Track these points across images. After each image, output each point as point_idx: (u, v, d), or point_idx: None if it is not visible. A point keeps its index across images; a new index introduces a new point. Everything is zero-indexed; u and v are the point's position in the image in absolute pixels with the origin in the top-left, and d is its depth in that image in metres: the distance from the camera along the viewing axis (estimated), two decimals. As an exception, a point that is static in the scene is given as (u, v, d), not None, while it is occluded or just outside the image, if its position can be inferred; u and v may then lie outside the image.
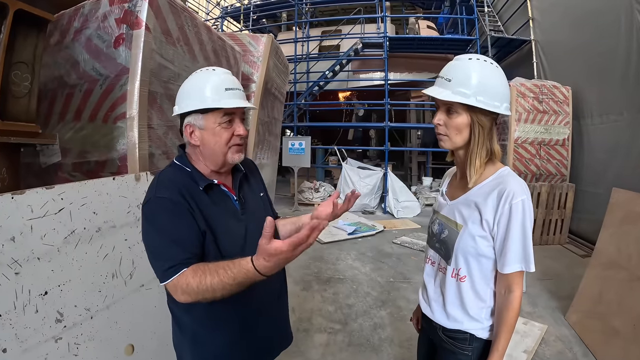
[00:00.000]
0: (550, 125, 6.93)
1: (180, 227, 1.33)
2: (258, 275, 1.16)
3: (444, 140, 1.46)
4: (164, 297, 1.49)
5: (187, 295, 1.24)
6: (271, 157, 6.36)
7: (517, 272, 1.38)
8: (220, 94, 1.40)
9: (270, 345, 1.67)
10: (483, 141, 1.41)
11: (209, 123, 1.42)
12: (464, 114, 1.38)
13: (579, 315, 3.79)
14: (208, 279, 1.20)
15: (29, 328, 1.57)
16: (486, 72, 1.35)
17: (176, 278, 1.24)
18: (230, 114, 1.44)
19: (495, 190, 1.39)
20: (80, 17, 2.89)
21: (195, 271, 1.24)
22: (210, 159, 1.47)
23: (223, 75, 1.46)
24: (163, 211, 1.34)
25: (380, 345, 3.52)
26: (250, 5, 14.30)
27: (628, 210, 3.55)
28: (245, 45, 5.04)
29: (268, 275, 1.17)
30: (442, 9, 12.79)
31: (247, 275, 1.17)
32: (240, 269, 1.18)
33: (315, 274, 5.28)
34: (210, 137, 1.43)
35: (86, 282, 1.87)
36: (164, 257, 1.28)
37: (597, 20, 6.40)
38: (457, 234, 1.48)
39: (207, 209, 1.40)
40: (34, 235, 1.61)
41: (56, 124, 2.95)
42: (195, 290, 1.21)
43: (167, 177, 1.44)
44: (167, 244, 1.30)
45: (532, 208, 1.39)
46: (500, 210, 1.36)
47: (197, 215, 1.36)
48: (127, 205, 2.17)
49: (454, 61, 1.42)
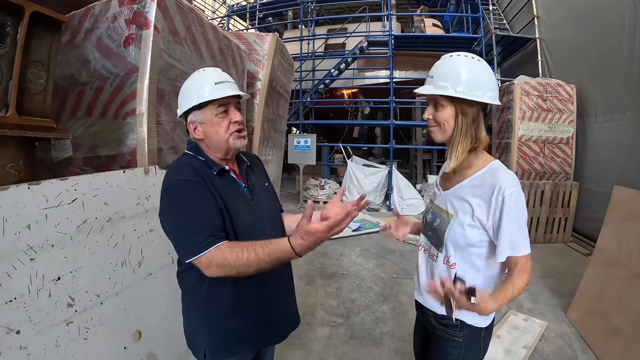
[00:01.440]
0: (555, 123, 6.92)
1: (206, 205, 1.43)
2: (293, 254, 1.31)
3: (434, 132, 1.54)
4: (171, 286, 1.58)
5: (220, 269, 1.34)
6: (276, 154, 6.41)
7: (522, 256, 1.39)
8: (211, 88, 1.54)
9: (283, 326, 1.77)
10: (467, 129, 1.46)
11: (207, 116, 1.55)
12: (449, 106, 1.46)
13: (580, 313, 3.80)
14: (245, 254, 1.32)
15: (42, 311, 1.65)
16: (466, 65, 1.43)
17: (212, 251, 1.34)
18: (225, 105, 1.57)
19: (487, 184, 1.44)
20: (91, 18, 2.96)
21: (232, 246, 1.35)
22: (216, 148, 1.59)
23: (213, 72, 1.60)
24: (187, 191, 1.44)
25: (382, 338, 3.58)
26: (257, 4, 14.33)
27: (629, 208, 3.55)
28: (250, 44, 5.10)
29: (302, 254, 1.31)
30: (448, 7, 12.74)
31: (283, 254, 1.32)
32: (276, 247, 1.32)
33: (319, 269, 5.33)
34: (210, 128, 1.56)
35: (97, 269, 1.95)
36: (196, 233, 1.37)
37: (601, 18, 6.39)
38: (447, 222, 1.53)
39: (223, 191, 1.50)
40: (49, 223, 1.69)
41: (67, 120, 3.03)
42: (231, 263, 1.32)
43: (185, 162, 1.55)
44: (196, 220, 1.40)
45: (524, 199, 1.44)
46: (494, 203, 1.41)
47: (216, 195, 1.46)
48: (137, 197, 2.25)
49: (439, 60, 1.50)
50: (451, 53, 1.48)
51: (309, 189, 10.55)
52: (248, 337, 1.61)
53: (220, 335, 1.58)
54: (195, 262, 1.37)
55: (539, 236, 6.74)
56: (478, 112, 1.46)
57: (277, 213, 1.83)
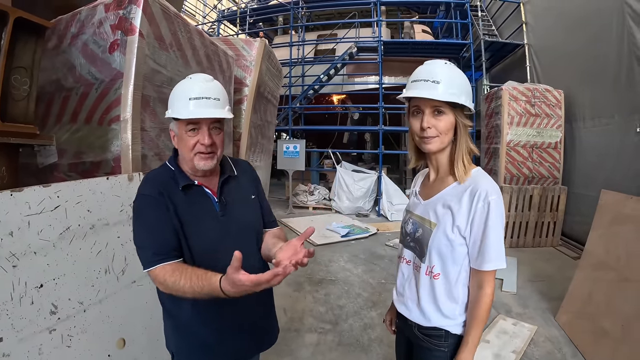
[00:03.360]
0: (543, 128, 6.96)
1: (160, 222, 1.43)
2: (222, 294, 1.25)
3: (433, 142, 1.45)
4: (155, 294, 1.56)
5: (162, 287, 1.38)
6: (264, 160, 6.41)
7: (490, 270, 1.41)
8: (185, 103, 1.44)
9: (259, 337, 1.74)
10: (465, 140, 1.45)
11: (179, 129, 1.50)
12: (450, 114, 1.41)
13: (569, 316, 3.81)
14: (182, 282, 1.31)
15: (25, 319, 1.63)
16: (460, 74, 1.42)
17: (157, 269, 1.37)
18: (195, 123, 1.46)
19: (468, 190, 1.42)
20: (77, 23, 2.96)
21: (174, 270, 1.35)
22: (185, 162, 1.55)
23: (197, 83, 1.49)
24: (146, 206, 1.45)
25: (370, 345, 3.56)
26: (247, 9, 14.35)
27: (616, 211, 3.58)
28: (238, 49, 5.09)
29: (231, 297, 1.26)
30: (437, 13, 12.84)
31: (213, 291, 1.27)
32: (209, 284, 1.27)
33: (307, 276, 5.30)
34: (180, 142, 1.52)
35: (80, 276, 1.94)
36: (147, 247, 1.41)
37: (589, 25, 6.45)
38: (430, 232, 1.51)
39: (181, 208, 1.48)
40: (31, 230, 1.68)
41: (53, 125, 3.01)
42: (170, 286, 1.34)
43: (151, 176, 1.54)
44: (150, 236, 1.42)
45: (504, 207, 1.43)
46: (473, 209, 1.40)
47: (171, 213, 1.45)
48: (120, 204, 2.24)
49: (431, 65, 1.43)
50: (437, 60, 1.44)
51: (298, 194, 10.53)
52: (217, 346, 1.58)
53: (191, 345, 1.56)
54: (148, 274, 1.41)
55: (528, 240, 6.77)
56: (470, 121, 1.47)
57: (255, 228, 1.73)
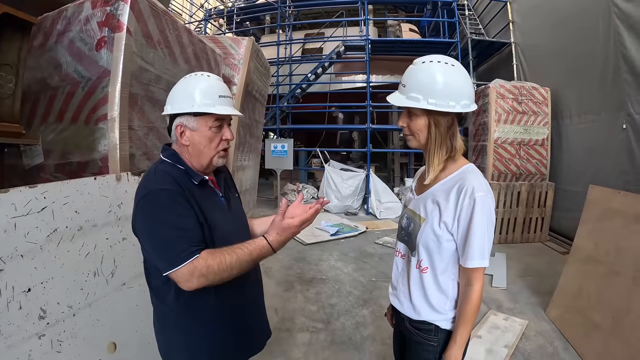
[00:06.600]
0: (530, 125, 7.03)
1: (185, 216, 1.38)
2: (270, 250, 1.41)
3: (410, 140, 1.54)
4: (146, 296, 1.53)
5: (203, 278, 1.30)
6: (253, 159, 6.36)
7: (478, 268, 1.42)
8: (214, 100, 1.48)
9: (260, 334, 1.76)
10: (441, 140, 1.45)
11: (201, 126, 1.48)
12: (422, 116, 1.43)
13: (559, 310, 3.86)
14: (227, 258, 1.32)
15: (13, 324, 1.58)
16: (440, 73, 1.37)
17: (193, 262, 1.30)
18: (220, 119, 1.52)
19: (456, 186, 1.43)
20: (64, 20, 2.88)
21: (213, 253, 1.33)
22: (196, 160, 1.53)
23: (217, 82, 1.54)
24: (166, 202, 1.37)
25: (362, 343, 3.57)
26: (234, 8, 14.28)
27: (604, 206, 3.63)
28: (226, 47, 5.04)
29: (277, 249, 1.43)
30: (425, 12, 12.91)
31: (261, 251, 1.38)
32: (255, 246, 1.37)
33: (297, 275, 5.30)
34: (201, 139, 1.50)
35: (68, 279, 1.88)
36: (177, 243, 1.32)
37: (576, 23, 6.54)
38: (419, 226, 1.52)
39: (202, 203, 1.46)
40: (18, 232, 1.62)
41: (39, 125, 2.94)
42: (215, 269, 1.31)
43: (163, 171, 1.48)
44: (176, 231, 1.34)
45: (493, 204, 1.43)
46: (460, 205, 1.41)
47: (195, 208, 1.42)
48: (109, 204, 2.19)
49: (411, 66, 1.45)
50: (424, 58, 1.42)
51: (287, 194, 10.52)
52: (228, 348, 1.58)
53: (198, 351, 1.53)
54: (173, 275, 1.31)
55: (516, 236, 6.84)
56: (452, 121, 1.45)
57: (247, 222, 1.83)
